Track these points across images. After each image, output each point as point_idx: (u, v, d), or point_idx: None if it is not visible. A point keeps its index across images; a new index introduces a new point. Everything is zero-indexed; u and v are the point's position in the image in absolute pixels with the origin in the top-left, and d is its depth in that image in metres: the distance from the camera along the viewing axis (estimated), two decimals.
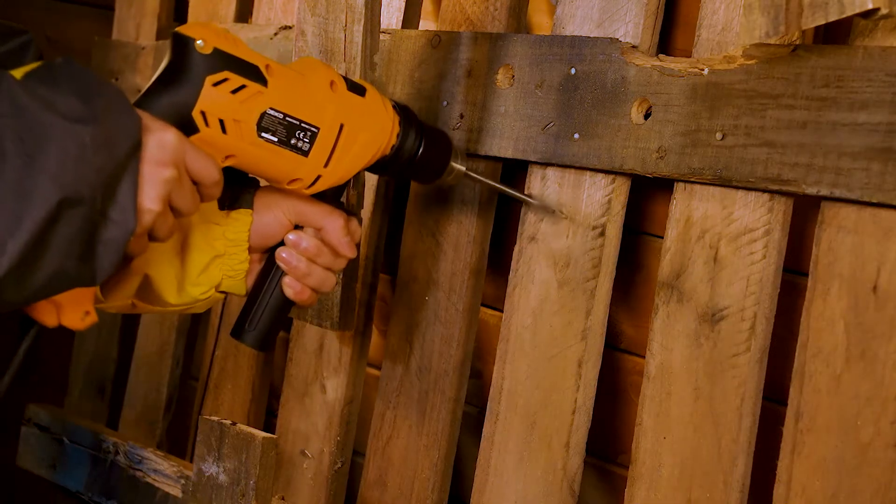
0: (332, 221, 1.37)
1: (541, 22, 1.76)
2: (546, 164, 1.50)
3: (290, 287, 1.37)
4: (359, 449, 1.79)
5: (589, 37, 1.46)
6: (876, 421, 1.17)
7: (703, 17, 1.38)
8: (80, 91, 1.10)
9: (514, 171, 1.62)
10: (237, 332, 1.39)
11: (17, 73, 1.12)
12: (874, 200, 1.18)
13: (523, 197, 1.50)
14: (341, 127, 1.32)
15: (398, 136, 1.39)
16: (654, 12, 1.44)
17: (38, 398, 2.21)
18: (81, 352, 2.29)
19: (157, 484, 1.82)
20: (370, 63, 1.52)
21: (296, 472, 1.79)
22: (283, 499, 1.68)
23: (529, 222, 1.52)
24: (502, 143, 1.53)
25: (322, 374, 1.76)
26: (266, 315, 1.37)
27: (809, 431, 1.22)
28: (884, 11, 1.13)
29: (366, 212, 1.69)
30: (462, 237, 1.60)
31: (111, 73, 2.27)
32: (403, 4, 1.74)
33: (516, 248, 1.54)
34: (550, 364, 1.47)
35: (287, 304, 1.38)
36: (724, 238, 1.33)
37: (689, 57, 1.38)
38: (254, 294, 1.38)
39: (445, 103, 1.59)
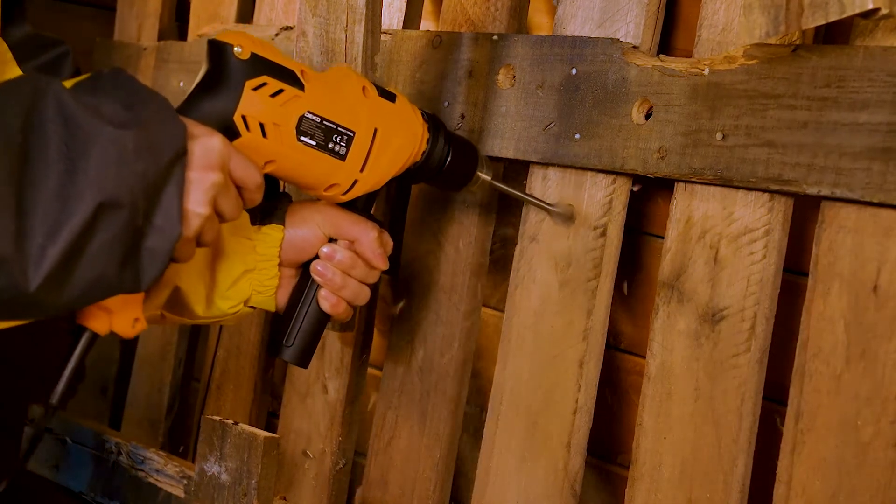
0: (365, 233, 1.38)
1: (541, 22, 1.76)
2: (547, 165, 1.50)
3: (327, 300, 1.38)
4: (360, 449, 1.79)
5: (590, 37, 1.46)
6: (876, 421, 1.17)
7: (704, 18, 1.38)
8: (124, 98, 1.11)
9: (517, 171, 1.62)
10: (275, 349, 1.40)
11: (67, 84, 1.13)
12: (875, 200, 1.18)
13: (546, 205, 1.50)
14: (375, 131, 1.34)
15: (428, 142, 1.40)
16: (655, 12, 1.44)
17: (39, 398, 2.20)
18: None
19: (159, 484, 1.82)
20: (371, 64, 1.52)
21: (297, 473, 1.79)
22: (284, 499, 1.68)
23: (530, 223, 1.52)
24: (503, 144, 1.53)
25: (324, 374, 1.76)
26: (304, 330, 1.39)
27: (809, 431, 1.22)
28: (884, 11, 1.13)
29: None
30: (463, 237, 1.60)
31: None
32: (404, 5, 1.74)
33: (517, 249, 1.54)
34: (552, 364, 1.47)
35: (324, 317, 1.39)
36: (724, 238, 1.33)
37: (690, 57, 1.38)
38: (290, 309, 1.39)
39: (447, 103, 1.59)
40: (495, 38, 1.54)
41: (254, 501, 1.48)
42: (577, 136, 1.45)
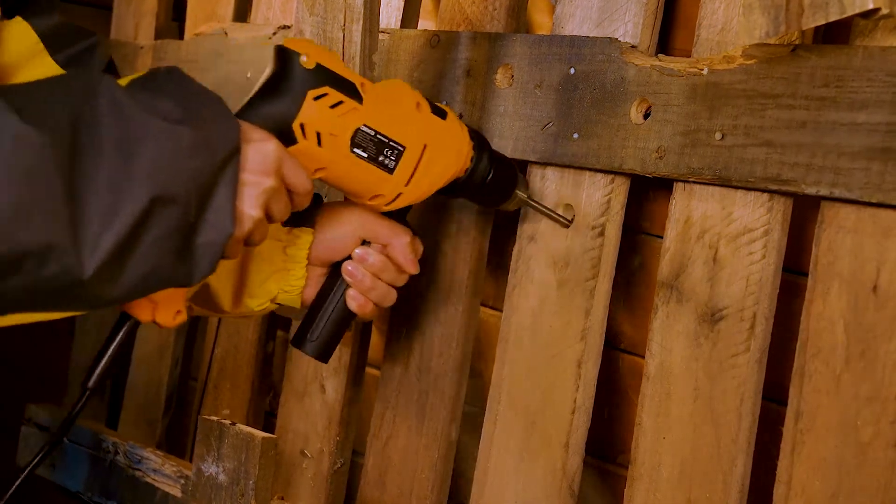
0: (399, 239, 1.41)
1: (540, 21, 1.76)
2: (545, 164, 1.50)
3: (355, 300, 1.41)
4: (358, 449, 1.79)
5: (588, 36, 1.46)
6: (876, 421, 1.17)
7: (703, 17, 1.38)
8: (180, 96, 1.13)
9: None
10: (298, 342, 1.42)
11: (123, 81, 1.14)
12: (874, 200, 1.18)
13: (568, 221, 1.50)
14: (424, 147, 1.36)
15: (472, 159, 1.41)
16: (654, 12, 1.43)
17: (38, 398, 2.20)
18: (81, 351, 2.29)
19: (156, 484, 1.82)
20: (369, 63, 1.52)
21: (295, 472, 1.79)
22: (282, 499, 1.68)
23: (529, 222, 1.52)
24: (501, 143, 1.53)
25: (321, 374, 1.76)
26: (328, 326, 1.42)
27: (809, 431, 1.22)
28: (884, 11, 1.13)
29: None
30: (462, 237, 1.60)
31: (109, 73, 2.26)
32: (402, 4, 1.74)
33: (515, 248, 1.54)
34: (550, 364, 1.47)
35: (349, 316, 1.42)
36: (723, 238, 1.33)
37: (689, 57, 1.38)
38: (316, 305, 1.42)
39: (445, 103, 1.59)
40: (493, 37, 1.54)
41: (251, 502, 1.48)
42: (576, 135, 1.45)
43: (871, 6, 1.12)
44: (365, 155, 1.32)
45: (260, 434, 1.48)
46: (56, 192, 1.04)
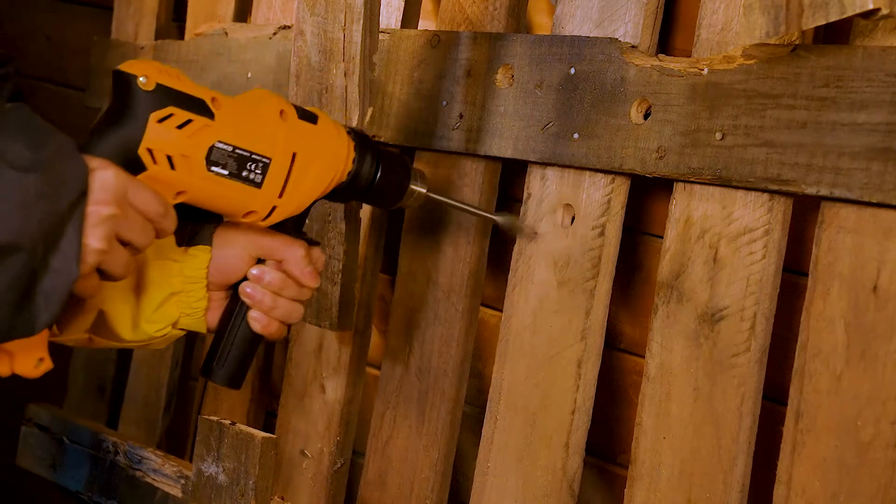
0: (292, 253, 1.35)
1: (540, 22, 1.76)
2: (546, 164, 1.50)
3: (257, 321, 1.35)
4: (358, 449, 1.79)
5: (588, 37, 1.46)
6: (876, 421, 1.17)
7: (703, 17, 1.38)
8: (29, 139, 1.09)
9: (516, 171, 1.62)
10: (206, 371, 1.38)
11: None
12: (874, 200, 1.18)
13: (488, 215, 1.50)
14: (294, 156, 1.31)
15: (354, 161, 1.37)
16: (654, 12, 1.43)
17: (38, 398, 2.21)
18: (81, 351, 2.29)
19: (156, 484, 1.82)
20: (369, 63, 1.52)
21: (295, 472, 1.79)
22: (282, 499, 1.68)
23: (529, 222, 1.52)
24: (502, 143, 1.53)
25: (321, 374, 1.76)
26: (234, 351, 1.36)
27: (809, 431, 1.22)
28: (884, 11, 1.13)
29: (365, 211, 1.69)
30: (461, 237, 1.60)
31: (110, 73, 2.26)
32: (402, 4, 1.74)
33: (516, 248, 1.54)
34: (550, 364, 1.47)
35: (255, 338, 1.37)
36: (723, 238, 1.33)
37: (689, 57, 1.38)
38: (220, 331, 1.37)
39: (445, 103, 1.59)
40: (494, 37, 1.54)
41: (251, 502, 1.48)
42: (576, 135, 1.45)
43: (871, 6, 1.12)
44: (226, 172, 1.25)
45: (260, 434, 1.48)
46: None
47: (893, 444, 1.16)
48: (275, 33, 1.90)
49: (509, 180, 1.63)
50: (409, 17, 1.75)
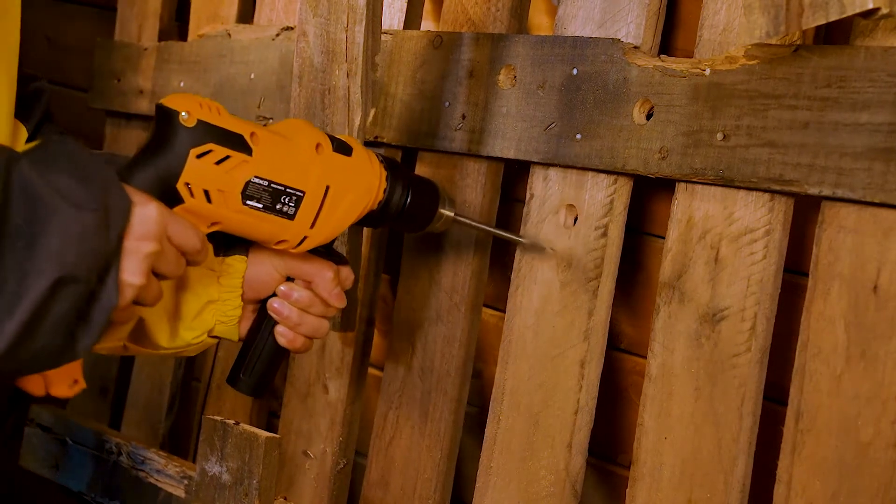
0: (321, 274, 1.38)
1: (542, 22, 1.76)
2: (548, 165, 1.50)
3: (283, 336, 1.39)
4: (361, 449, 1.79)
5: (591, 37, 1.46)
6: (876, 421, 1.17)
7: (705, 18, 1.38)
8: (78, 174, 1.11)
9: (518, 171, 1.62)
10: (233, 380, 1.41)
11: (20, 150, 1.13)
12: (876, 200, 1.18)
13: (514, 237, 1.51)
14: (327, 189, 1.33)
15: (385, 191, 1.39)
16: (656, 13, 1.44)
17: (41, 399, 2.20)
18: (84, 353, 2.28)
19: (159, 484, 1.82)
20: (372, 64, 1.52)
21: (298, 473, 1.79)
22: (285, 499, 1.68)
23: (532, 223, 1.52)
24: (504, 144, 1.53)
25: (324, 374, 1.76)
26: (260, 363, 1.40)
27: (809, 431, 1.22)
28: (884, 11, 1.13)
29: None
30: (464, 237, 1.60)
31: (113, 74, 2.27)
32: (405, 5, 1.74)
33: (518, 249, 1.54)
34: (553, 364, 1.47)
35: (280, 352, 1.40)
36: (725, 238, 1.33)
37: (691, 57, 1.38)
38: (248, 342, 1.40)
39: (447, 104, 1.59)
40: (496, 38, 1.55)
41: (255, 501, 1.48)
42: (579, 136, 1.45)
43: (870, 6, 1.13)
44: (260, 206, 1.28)
45: (264, 434, 1.48)
46: None
47: (893, 444, 1.16)
48: (278, 34, 1.91)
49: (512, 181, 1.63)
50: (412, 17, 1.75)
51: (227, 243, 1.37)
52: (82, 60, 2.39)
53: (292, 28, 1.88)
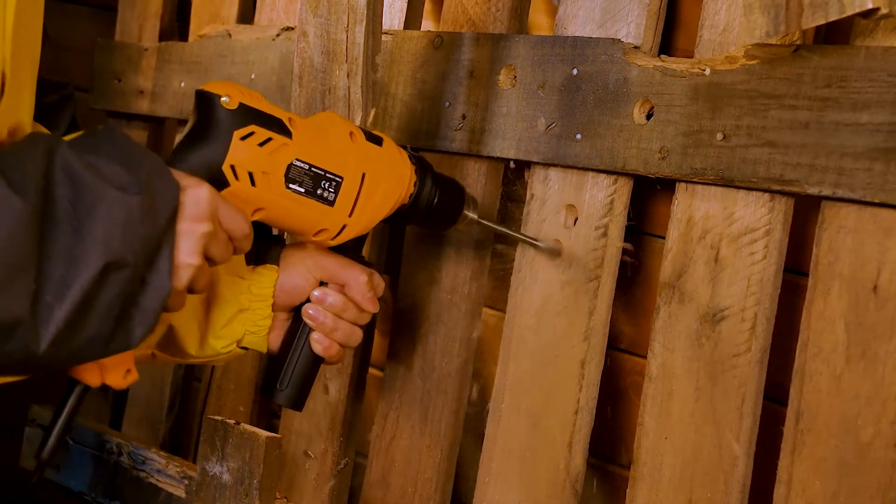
0: (355, 277, 1.39)
1: (542, 22, 1.76)
2: (548, 165, 1.50)
3: (319, 343, 1.39)
4: (361, 449, 1.79)
5: (591, 37, 1.46)
6: (876, 421, 1.17)
7: (705, 18, 1.38)
8: (122, 159, 1.12)
9: (519, 171, 1.62)
10: (269, 391, 1.41)
11: (66, 139, 1.14)
12: (876, 200, 1.18)
13: (532, 241, 1.50)
14: (363, 176, 1.35)
15: (415, 184, 1.40)
16: (656, 13, 1.44)
17: (41, 399, 2.21)
18: None
19: (160, 484, 1.82)
20: (372, 64, 1.52)
21: (298, 473, 1.79)
22: (286, 499, 1.68)
23: (532, 223, 1.52)
24: (504, 144, 1.53)
25: (325, 374, 1.76)
26: (297, 373, 1.40)
27: (809, 431, 1.22)
28: (884, 11, 1.13)
29: None
30: (464, 237, 1.60)
31: (114, 74, 2.27)
32: (405, 5, 1.74)
33: (519, 249, 1.54)
34: (553, 364, 1.47)
35: (317, 360, 1.40)
36: (725, 238, 1.33)
37: (691, 57, 1.38)
38: (282, 352, 1.40)
39: (448, 104, 1.60)
40: (496, 38, 1.55)
41: (255, 501, 1.48)
42: (579, 136, 1.45)
43: (870, 6, 1.12)
44: (302, 190, 1.30)
45: (264, 433, 1.48)
46: (29, 261, 1.04)
47: (893, 444, 1.16)
48: (278, 35, 1.91)
49: (513, 181, 1.63)
50: (412, 18, 1.75)
51: (258, 253, 1.37)
52: (82, 60, 2.39)
53: (293, 28, 1.88)
